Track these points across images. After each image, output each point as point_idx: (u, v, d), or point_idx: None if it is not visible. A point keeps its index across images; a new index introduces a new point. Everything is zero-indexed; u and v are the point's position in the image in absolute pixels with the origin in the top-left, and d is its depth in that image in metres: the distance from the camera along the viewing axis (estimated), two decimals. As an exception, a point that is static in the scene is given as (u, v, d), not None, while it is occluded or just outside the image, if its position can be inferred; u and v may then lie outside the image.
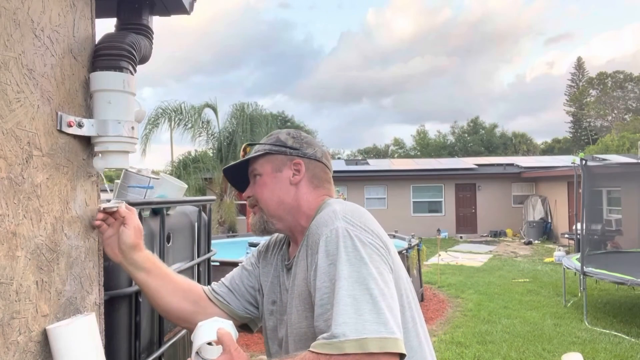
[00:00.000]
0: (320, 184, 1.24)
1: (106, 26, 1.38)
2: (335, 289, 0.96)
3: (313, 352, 0.91)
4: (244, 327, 1.34)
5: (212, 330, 1.00)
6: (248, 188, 1.28)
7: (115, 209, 1.23)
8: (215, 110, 15.22)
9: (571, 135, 46.84)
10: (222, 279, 1.35)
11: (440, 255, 11.02)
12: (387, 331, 0.90)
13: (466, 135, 49.23)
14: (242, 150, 1.30)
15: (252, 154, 1.25)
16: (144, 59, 1.38)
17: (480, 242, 16.25)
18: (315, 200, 1.21)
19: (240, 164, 1.28)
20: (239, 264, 1.38)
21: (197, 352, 0.99)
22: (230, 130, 14.82)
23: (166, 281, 1.28)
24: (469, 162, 20.61)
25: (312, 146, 1.26)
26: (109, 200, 1.32)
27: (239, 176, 1.31)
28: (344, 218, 1.05)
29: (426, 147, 49.18)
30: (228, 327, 1.02)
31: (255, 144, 1.28)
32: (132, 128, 1.22)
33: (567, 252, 11.38)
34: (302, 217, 1.20)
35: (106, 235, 1.25)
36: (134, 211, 1.27)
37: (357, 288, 0.95)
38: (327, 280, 0.99)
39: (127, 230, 1.23)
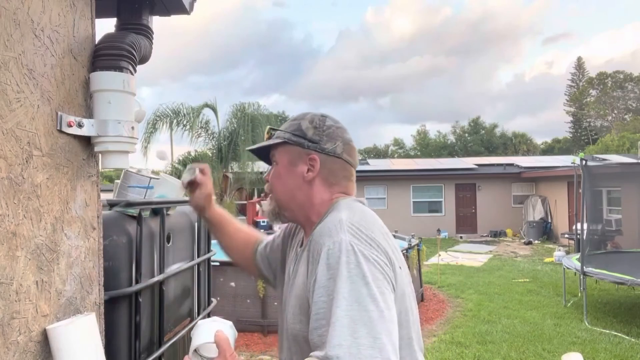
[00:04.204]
0: (336, 182, 1.19)
1: (106, 26, 1.38)
2: (332, 307, 0.92)
3: None
4: (266, 280, 1.47)
5: (210, 331, 1.01)
6: (267, 171, 1.26)
7: (193, 178, 1.38)
8: (214, 110, 15.21)
9: (571, 135, 46.85)
10: (265, 241, 1.45)
11: (440, 255, 11.02)
12: (382, 357, 0.87)
13: (466, 135, 49.23)
14: (266, 132, 1.27)
15: (271, 141, 1.23)
16: (144, 59, 1.38)
17: (480, 242, 16.24)
18: (329, 199, 1.18)
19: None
20: (276, 231, 1.43)
21: (195, 350, 1.00)
22: (231, 130, 14.80)
23: (232, 235, 1.49)
24: (469, 162, 20.61)
25: (333, 140, 1.20)
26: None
27: (264, 154, 1.30)
28: (349, 229, 1.00)
29: (426, 147, 49.18)
30: (227, 328, 1.03)
31: (277, 130, 1.25)
32: (132, 128, 1.22)
33: (567, 252, 11.38)
34: (314, 214, 1.17)
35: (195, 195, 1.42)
36: (208, 174, 1.43)
37: (355, 308, 0.91)
38: (325, 295, 0.95)
39: (200, 190, 1.40)
